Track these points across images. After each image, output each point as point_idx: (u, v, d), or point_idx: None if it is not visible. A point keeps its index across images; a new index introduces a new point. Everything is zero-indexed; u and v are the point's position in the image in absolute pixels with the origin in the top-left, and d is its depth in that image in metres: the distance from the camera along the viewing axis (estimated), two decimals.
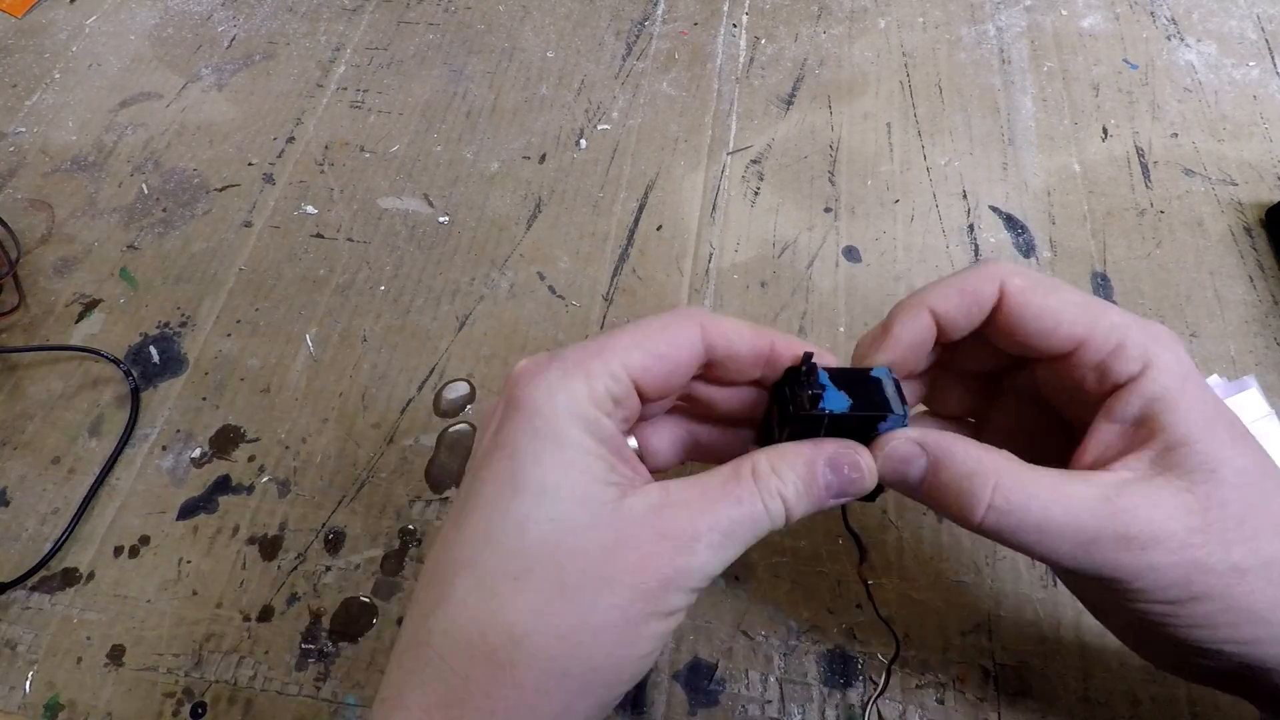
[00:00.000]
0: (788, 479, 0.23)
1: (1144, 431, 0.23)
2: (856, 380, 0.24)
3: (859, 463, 0.24)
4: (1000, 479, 0.22)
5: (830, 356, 0.26)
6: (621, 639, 0.22)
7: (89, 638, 0.37)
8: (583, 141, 0.51)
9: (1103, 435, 0.24)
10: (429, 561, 0.24)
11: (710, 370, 0.26)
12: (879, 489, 0.25)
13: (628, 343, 0.24)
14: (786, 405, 0.24)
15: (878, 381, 0.25)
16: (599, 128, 0.52)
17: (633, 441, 0.27)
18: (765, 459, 0.23)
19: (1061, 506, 0.22)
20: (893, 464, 0.24)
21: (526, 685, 0.21)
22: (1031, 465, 0.23)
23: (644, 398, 0.25)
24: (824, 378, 0.24)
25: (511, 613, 0.21)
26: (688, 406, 0.28)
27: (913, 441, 0.24)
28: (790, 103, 0.52)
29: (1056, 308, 0.24)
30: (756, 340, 0.25)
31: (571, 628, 0.21)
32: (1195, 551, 0.21)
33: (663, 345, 0.24)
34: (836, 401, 0.24)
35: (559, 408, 0.23)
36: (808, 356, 0.24)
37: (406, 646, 0.23)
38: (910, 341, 0.25)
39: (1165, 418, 0.22)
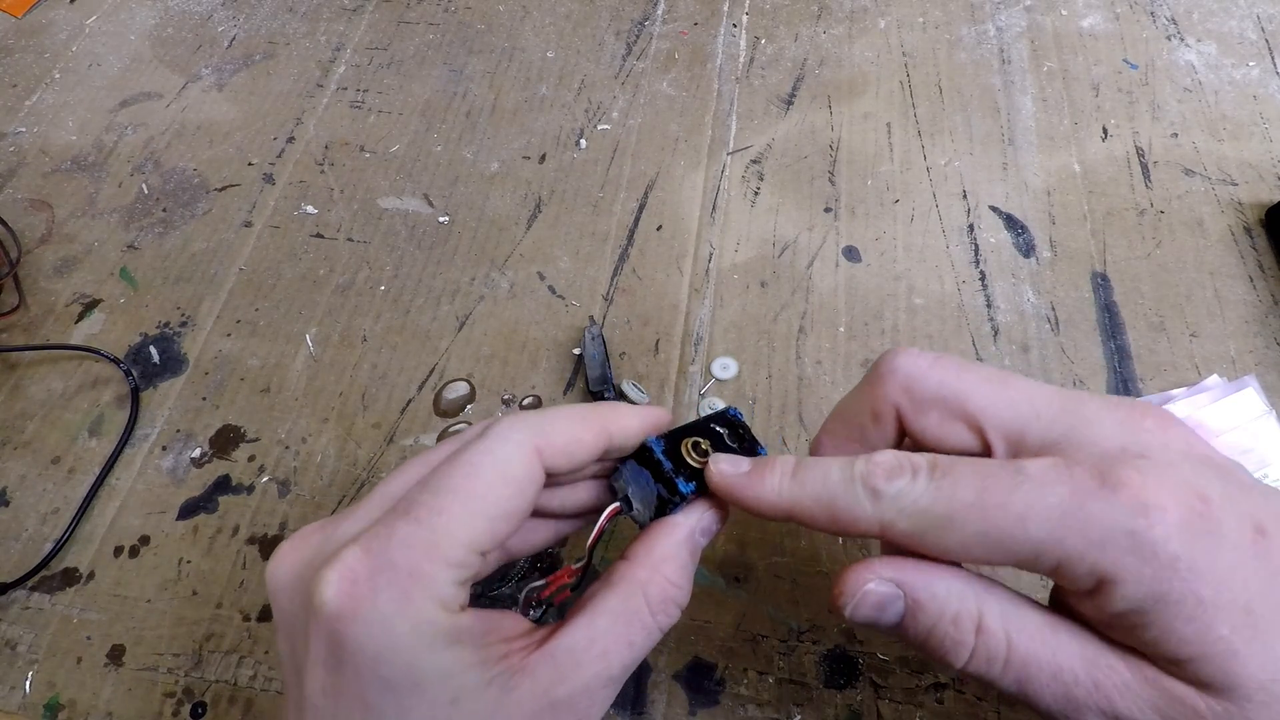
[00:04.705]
0: (677, 579, 0.23)
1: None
2: (711, 432, 0.26)
3: (713, 519, 0.25)
4: (984, 623, 0.20)
5: (662, 413, 0.26)
6: None
7: (89, 638, 0.37)
8: (583, 141, 0.51)
9: None
10: None
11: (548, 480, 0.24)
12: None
13: (462, 515, 0.20)
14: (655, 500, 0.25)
15: (729, 420, 0.27)
16: (599, 128, 0.52)
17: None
18: (648, 573, 0.23)
19: (1049, 672, 0.19)
20: (865, 611, 0.21)
21: None
22: (1018, 601, 0.20)
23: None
24: (660, 449, 0.25)
25: None
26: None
27: (889, 581, 0.21)
28: (790, 103, 0.52)
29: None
30: (595, 441, 0.23)
31: None
32: None
33: (505, 502, 0.21)
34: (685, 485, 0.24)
35: (404, 643, 0.19)
36: (644, 447, 0.25)
37: None
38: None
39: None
